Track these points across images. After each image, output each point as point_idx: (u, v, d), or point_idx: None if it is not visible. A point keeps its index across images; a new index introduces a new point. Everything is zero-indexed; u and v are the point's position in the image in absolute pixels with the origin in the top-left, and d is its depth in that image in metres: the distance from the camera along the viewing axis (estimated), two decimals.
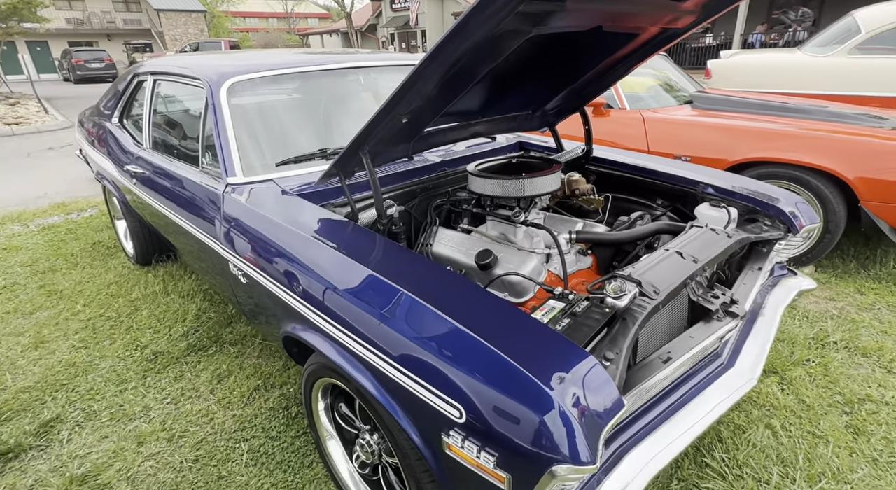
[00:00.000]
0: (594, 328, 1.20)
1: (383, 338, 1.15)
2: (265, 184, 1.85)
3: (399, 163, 2.08)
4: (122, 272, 3.30)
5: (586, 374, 0.99)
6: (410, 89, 1.27)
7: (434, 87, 1.35)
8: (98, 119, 3.25)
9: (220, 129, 1.95)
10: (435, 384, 1.04)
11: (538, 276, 1.66)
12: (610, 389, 1.00)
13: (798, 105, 3.57)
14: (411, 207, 1.99)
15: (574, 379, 0.98)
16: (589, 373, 1.00)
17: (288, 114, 2.20)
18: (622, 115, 3.57)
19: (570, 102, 2.19)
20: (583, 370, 0.99)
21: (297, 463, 1.78)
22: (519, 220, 1.77)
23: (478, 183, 1.80)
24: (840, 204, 2.84)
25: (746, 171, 3.07)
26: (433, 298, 1.14)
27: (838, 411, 1.93)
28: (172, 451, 1.85)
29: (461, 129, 1.94)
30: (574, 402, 0.95)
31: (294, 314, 1.46)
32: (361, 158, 1.54)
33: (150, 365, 2.34)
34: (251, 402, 2.09)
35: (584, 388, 0.97)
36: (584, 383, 0.98)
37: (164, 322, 2.68)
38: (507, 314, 1.11)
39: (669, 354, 1.27)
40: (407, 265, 1.30)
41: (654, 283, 1.34)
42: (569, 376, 0.97)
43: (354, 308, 1.23)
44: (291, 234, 1.51)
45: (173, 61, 2.50)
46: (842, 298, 2.70)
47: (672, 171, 2.11)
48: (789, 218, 1.83)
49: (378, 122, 1.39)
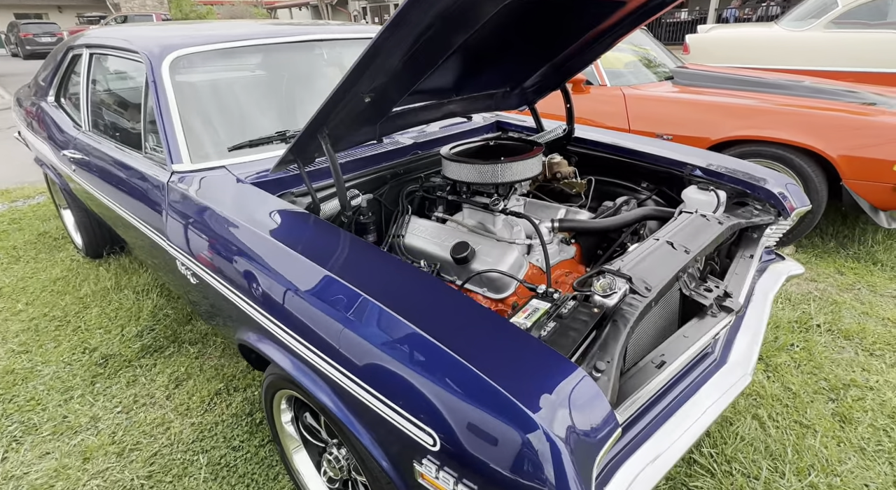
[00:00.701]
0: (582, 332, 1.08)
1: (345, 349, 1.01)
2: (216, 172, 1.66)
3: (366, 146, 1.90)
4: (71, 266, 3.05)
5: (575, 390, 0.87)
6: (371, 63, 1.10)
7: (399, 61, 1.18)
8: (35, 98, 2.95)
9: (163, 109, 1.74)
10: (404, 406, 0.91)
11: (519, 270, 1.53)
12: (602, 406, 0.88)
13: (777, 81, 3.50)
14: (381, 195, 1.83)
15: (561, 397, 0.85)
16: (577, 388, 0.88)
17: (242, 92, 1.99)
18: (602, 92, 3.43)
19: (550, 79, 2.03)
20: (571, 386, 0.87)
21: (261, 476, 1.64)
22: (498, 208, 1.63)
23: (452, 168, 1.64)
24: (822, 182, 2.79)
25: (728, 149, 2.99)
26: (402, 306, 1.00)
27: (824, 398, 1.89)
28: (122, 467, 1.69)
29: (433, 109, 1.78)
30: (562, 424, 0.83)
31: (248, 321, 1.30)
32: (320, 143, 1.36)
33: (100, 370, 2.15)
34: (212, 409, 1.93)
35: (573, 406, 0.85)
36: (572, 401, 0.86)
37: (116, 321, 2.47)
38: (484, 322, 0.98)
39: (663, 357, 1.17)
40: (373, 266, 1.15)
41: (645, 278, 1.22)
42: (555, 394, 0.85)
43: (313, 316, 1.08)
44: (243, 231, 1.34)
45: (111, 32, 2.24)
46: (823, 279, 2.68)
47: (657, 152, 1.99)
48: (779, 200, 1.75)
49: (337, 101, 1.21)
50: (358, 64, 1.08)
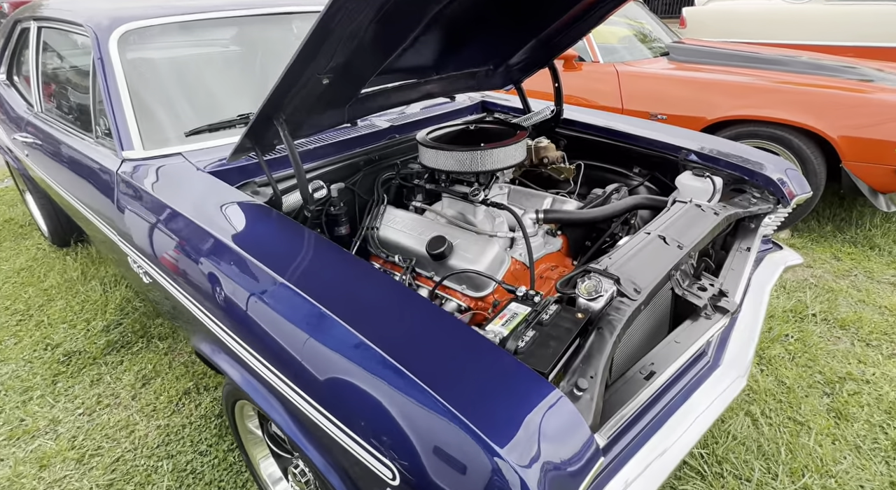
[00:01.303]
0: (564, 342, 0.97)
1: (300, 368, 0.90)
2: (171, 159, 1.52)
3: (338, 130, 1.76)
4: (37, 255, 2.91)
5: (551, 416, 0.77)
6: (324, 41, 0.96)
7: (359, 36, 1.04)
8: None
9: (111, 89, 1.58)
10: (361, 434, 0.81)
11: (500, 266, 1.42)
12: (581, 434, 0.78)
13: (775, 56, 3.36)
14: (354, 184, 1.70)
15: (534, 427, 0.74)
16: (555, 414, 0.77)
17: (202, 70, 1.82)
18: (595, 69, 3.27)
19: (537, 55, 1.88)
20: (547, 411, 0.77)
21: (229, 483, 1.56)
22: (478, 199, 1.50)
23: (429, 155, 1.51)
24: (821, 165, 2.68)
25: (725, 130, 2.86)
26: (363, 321, 0.89)
27: (819, 393, 1.82)
28: (81, 475, 1.60)
29: (409, 90, 1.63)
30: (535, 458, 0.73)
31: (201, 328, 1.18)
32: (277, 129, 1.23)
33: (62, 368, 2.04)
34: (179, 410, 1.84)
35: (548, 437, 0.75)
36: (549, 431, 0.75)
37: (82, 315, 2.35)
38: (454, 339, 0.87)
39: (652, 367, 1.07)
40: (336, 273, 1.03)
41: (634, 278, 1.12)
42: (527, 424, 0.74)
43: (266, 329, 0.97)
44: (194, 229, 1.21)
45: (58, 3, 2.05)
46: (819, 265, 2.59)
47: (650, 135, 1.86)
48: (778, 187, 1.64)
49: (289, 84, 1.07)
50: (307, 42, 0.94)
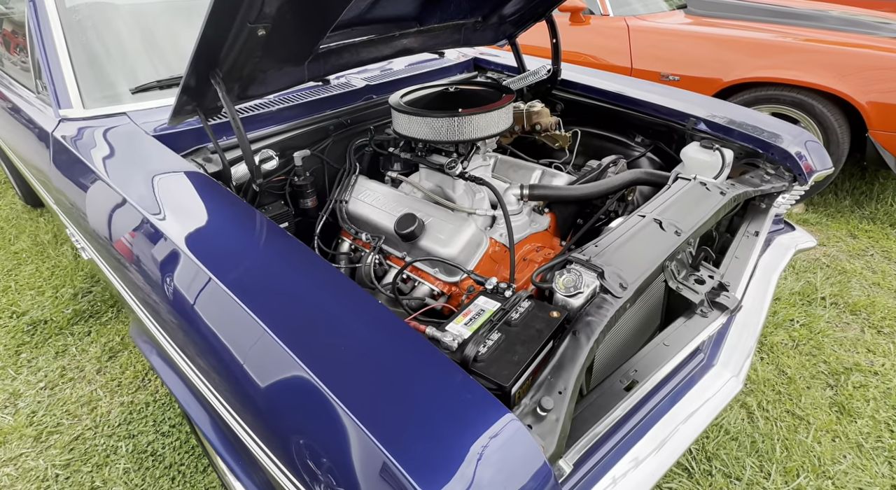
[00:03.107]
0: (533, 348, 0.84)
1: (228, 382, 0.78)
2: (114, 120, 1.36)
3: (307, 89, 1.58)
4: (10, 216, 2.79)
5: (500, 446, 0.63)
6: None
7: None
8: None
9: (46, 39, 1.40)
10: (292, 460, 0.69)
11: (478, 248, 1.28)
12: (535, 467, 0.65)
13: (802, 10, 3.05)
14: (322, 151, 1.53)
15: (469, 469, 0.60)
16: (504, 444, 0.64)
17: (155, 18, 1.62)
18: (604, 24, 2.99)
19: (533, 5, 1.66)
20: (492, 441, 0.64)
21: (189, 466, 1.48)
22: (455, 172, 1.34)
23: (402, 121, 1.33)
24: (845, 133, 2.46)
25: (743, 93, 2.62)
26: (299, 334, 0.74)
27: (822, 384, 1.70)
28: (38, 454, 1.53)
29: (381, 45, 1.43)
30: None
31: (137, 321, 1.06)
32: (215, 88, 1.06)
33: (27, 337, 1.95)
34: (145, 385, 1.76)
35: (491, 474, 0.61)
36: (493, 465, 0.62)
37: (51, 281, 2.25)
38: (400, 352, 0.73)
39: (634, 375, 0.94)
40: (278, 269, 0.88)
41: (621, 271, 0.97)
42: (465, 464, 0.60)
43: (196, 335, 0.84)
44: (125, 207, 1.06)
45: None
46: (833, 243, 2.42)
47: (657, 100, 1.66)
48: (796, 162, 1.46)
49: (215, 35, 0.89)
50: None
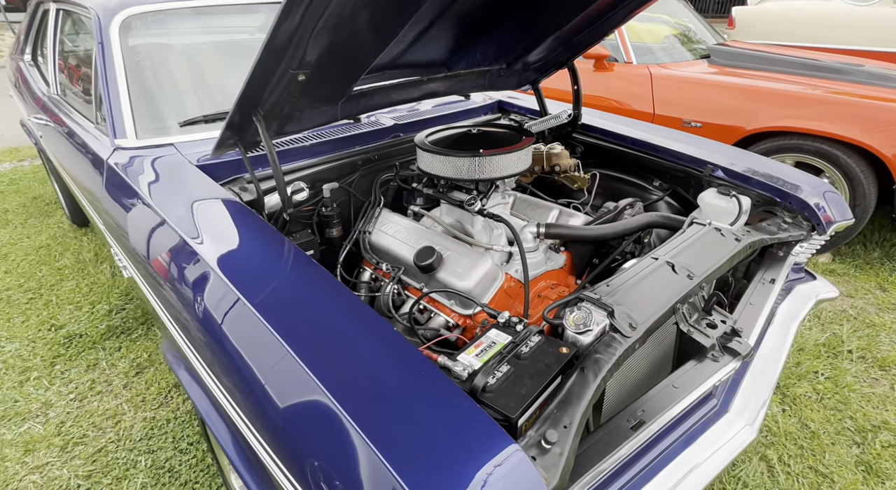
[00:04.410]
0: (541, 381, 0.86)
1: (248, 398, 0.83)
2: (162, 150, 1.48)
3: (338, 126, 1.68)
4: (57, 234, 2.97)
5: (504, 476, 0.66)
6: (291, 37, 0.87)
7: (333, 32, 0.94)
8: (16, 55, 2.80)
9: (109, 75, 1.55)
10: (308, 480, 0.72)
11: (493, 283, 1.32)
12: None
13: (831, 64, 3.07)
14: (349, 184, 1.62)
15: None
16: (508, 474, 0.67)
17: (204, 59, 1.78)
18: (627, 71, 3.09)
19: (555, 54, 1.76)
20: (496, 470, 0.67)
21: (203, 485, 1.52)
22: (474, 208, 1.40)
23: (425, 159, 1.41)
24: (871, 185, 2.44)
25: (766, 141, 2.64)
26: (318, 355, 0.79)
27: (848, 441, 1.64)
28: (63, 463, 1.59)
29: (411, 88, 1.53)
30: None
31: (169, 337, 1.13)
32: (256, 125, 1.15)
33: (62, 350, 2.05)
34: (167, 402, 1.82)
35: None
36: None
37: (89, 297, 2.37)
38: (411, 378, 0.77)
39: (642, 415, 0.95)
40: (302, 295, 0.93)
41: (631, 311, 0.99)
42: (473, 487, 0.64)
43: (223, 353, 0.89)
44: (166, 229, 1.15)
45: None
46: (861, 295, 2.36)
47: (675, 146, 1.71)
48: (814, 212, 1.47)
49: (260, 80, 0.99)
50: (271, 37, 0.86)
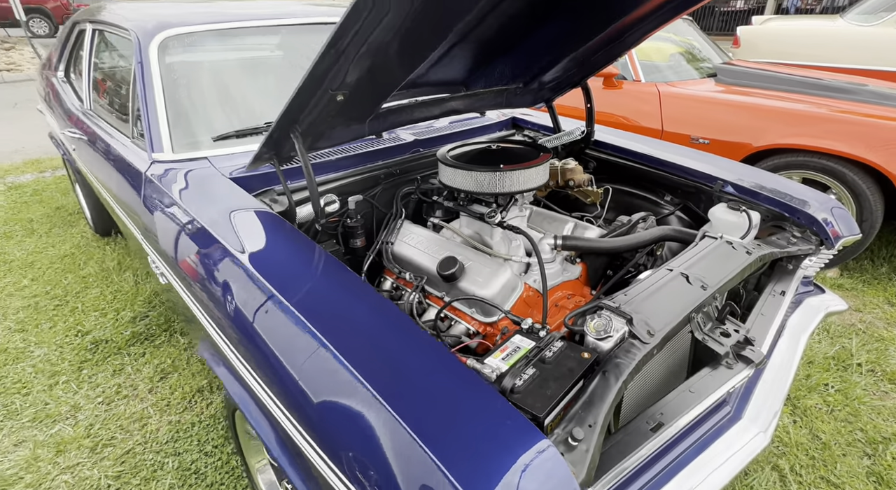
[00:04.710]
0: (565, 385, 0.92)
1: (291, 393, 0.89)
2: (197, 163, 1.55)
3: (362, 141, 1.76)
4: (80, 243, 3.06)
5: (536, 469, 0.72)
6: (337, 59, 0.95)
7: (375, 53, 1.02)
8: (48, 71, 2.92)
9: (147, 93, 1.64)
10: (345, 468, 0.78)
11: (512, 292, 1.38)
12: None
13: (835, 83, 3.15)
14: (373, 197, 1.69)
15: (512, 482, 0.69)
16: (541, 467, 0.72)
17: (235, 77, 1.87)
18: (636, 89, 3.17)
19: (570, 74, 1.83)
20: (531, 464, 0.72)
21: (229, 487, 1.56)
22: (494, 221, 1.46)
23: (447, 173, 1.48)
24: (878, 201, 2.49)
25: (773, 158, 2.71)
26: (357, 353, 0.86)
27: (859, 452, 1.67)
28: (93, 464, 1.64)
29: (433, 106, 1.61)
30: None
31: (206, 337, 1.19)
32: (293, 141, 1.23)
33: (89, 355, 2.12)
34: (192, 407, 1.87)
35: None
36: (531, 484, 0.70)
37: (113, 304, 2.45)
38: (446, 374, 0.83)
39: (661, 418, 1.00)
40: (338, 298, 1.00)
41: (648, 319, 1.05)
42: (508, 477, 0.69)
43: (263, 349, 0.96)
44: (206, 238, 1.22)
45: (112, 7, 2.15)
46: (869, 309, 2.40)
47: (686, 162, 1.77)
48: (822, 227, 1.52)
49: (302, 100, 1.07)
50: (318, 61, 0.93)
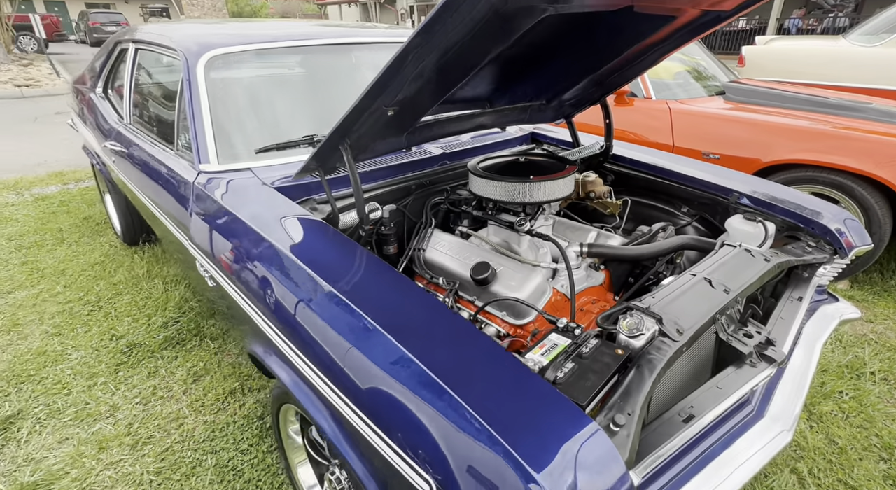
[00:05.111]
0: (603, 377, 0.99)
1: (346, 376, 0.96)
2: (242, 174, 1.65)
3: (394, 154, 1.86)
4: (109, 252, 3.16)
5: (587, 448, 0.79)
6: (395, 77, 1.05)
7: (425, 73, 1.12)
8: (85, 88, 3.06)
9: (195, 108, 1.74)
10: (400, 445, 0.85)
11: (542, 296, 1.45)
12: (616, 468, 0.79)
13: (841, 101, 3.25)
14: (404, 206, 1.78)
15: (570, 456, 0.77)
16: (591, 446, 0.80)
17: (274, 94, 1.98)
18: (647, 106, 3.28)
19: (589, 92, 1.93)
20: (583, 442, 0.79)
21: (265, 483, 1.63)
22: (523, 229, 1.55)
23: (479, 184, 1.58)
24: (886, 215, 2.57)
25: (781, 173, 2.79)
26: (409, 337, 0.94)
27: (875, 457, 1.71)
28: (135, 460, 1.71)
29: (463, 121, 1.71)
30: (569, 486, 0.75)
31: (257, 332, 1.27)
32: (342, 153, 1.33)
33: (124, 358, 2.20)
34: (225, 408, 1.94)
35: (584, 467, 0.77)
36: (584, 461, 0.78)
37: (145, 310, 2.53)
38: (496, 362, 0.91)
39: (692, 411, 1.07)
40: (385, 290, 1.10)
41: (677, 319, 1.12)
42: (564, 452, 0.77)
43: (317, 336, 1.04)
44: (257, 239, 1.31)
45: (155, 28, 2.28)
46: (880, 320, 2.46)
47: (701, 175, 1.86)
48: (836, 237, 1.59)
49: (358, 114, 1.17)
50: (380, 77, 1.03)
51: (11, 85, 9.80)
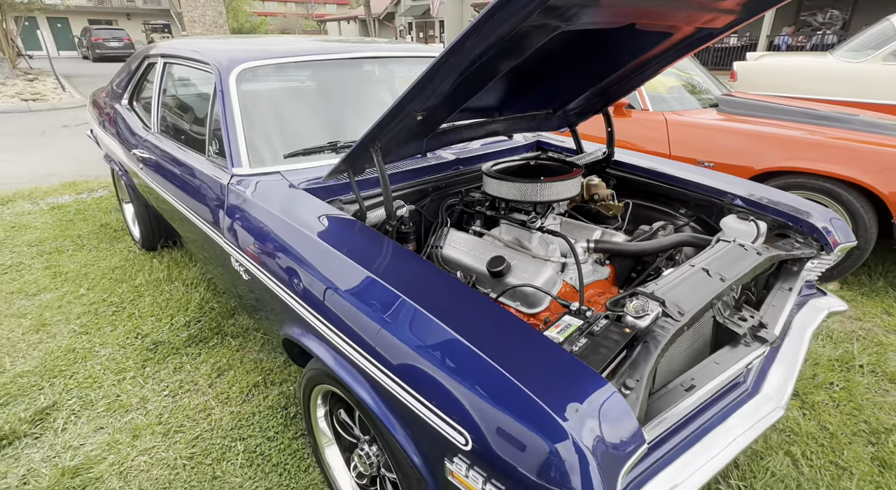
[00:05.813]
0: (613, 350, 1.11)
1: (384, 348, 1.08)
2: (271, 176, 1.78)
3: (411, 160, 2.00)
4: (128, 256, 3.27)
5: (604, 404, 0.91)
6: (427, 85, 1.19)
7: (452, 83, 1.26)
8: (109, 100, 3.20)
9: (228, 117, 1.88)
10: (439, 405, 0.97)
11: (553, 287, 1.58)
12: (630, 422, 0.91)
13: (829, 113, 3.42)
14: (422, 207, 1.91)
15: (590, 409, 0.90)
16: (607, 402, 0.92)
17: (299, 103, 2.12)
18: (644, 117, 3.44)
19: (592, 102, 2.08)
20: (600, 399, 0.91)
21: (293, 466, 1.72)
22: (535, 226, 1.68)
23: (493, 185, 1.71)
24: (871, 219, 2.71)
25: (772, 180, 2.94)
26: (439, 310, 1.07)
27: (863, 441, 1.83)
28: (167, 447, 1.81)
29: (477, 128, 1.85)
30: (590, 435, 0.87)
31: (294, 316, 1.39)
32: (372, 155, 1.46)
33: (150, 354, 2.30)
34: (250, 399, 2.04)
35: (602, 419, 0.89)
36: (602, 414, 0.90)
37: (167, 310, 2.64)
38: (519, 332, 1.03)
39: (693, 382, 1.18)
40: (414, 271, 1.23)
41: (678, 302, 1.25)
42: (584, 406, 0.89)
43: (355, 314, 1.16)
44: (295, 232, 1.44)
45: (184, 44, 2.43)
46: (868, 318, 2.58)
47: (697, 179, 2.00)
48: (822, 235, 1.73)
49: (392, 118, 1.30)
50: (416, 85, 1.17)
51: (18, 99, 9.96)
